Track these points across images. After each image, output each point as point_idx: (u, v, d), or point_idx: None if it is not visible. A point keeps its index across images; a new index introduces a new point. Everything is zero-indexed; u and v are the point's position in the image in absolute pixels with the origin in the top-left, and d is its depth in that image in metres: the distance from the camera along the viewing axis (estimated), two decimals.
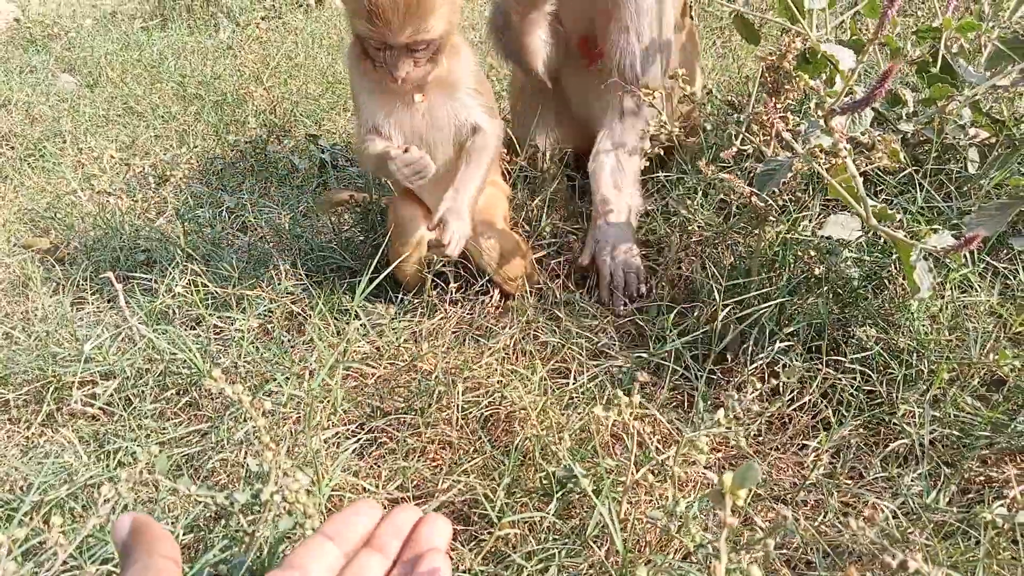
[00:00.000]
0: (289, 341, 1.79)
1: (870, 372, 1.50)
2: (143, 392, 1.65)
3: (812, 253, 1.65)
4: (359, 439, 1.49)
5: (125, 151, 2.98)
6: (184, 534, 1.29)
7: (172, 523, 1.31)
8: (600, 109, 2.08)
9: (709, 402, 1.54)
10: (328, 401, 1.53)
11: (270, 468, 1.13)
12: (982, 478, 1.35)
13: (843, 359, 1.52)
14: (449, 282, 1.88)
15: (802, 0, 1.89)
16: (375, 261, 1.68)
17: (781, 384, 1.48)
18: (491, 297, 1.89)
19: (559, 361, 1.69)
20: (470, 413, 1.53)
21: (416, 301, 1.86)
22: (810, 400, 1.50)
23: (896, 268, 1.63)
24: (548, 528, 1.27)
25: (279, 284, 1.95)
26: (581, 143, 2.23)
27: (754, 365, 1.55)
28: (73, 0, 5.53)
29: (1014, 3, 2.07)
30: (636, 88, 1.86)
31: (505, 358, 1.68)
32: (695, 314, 1.70)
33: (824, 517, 1.28)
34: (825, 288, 1.63)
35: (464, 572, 1.23)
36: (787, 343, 1.55)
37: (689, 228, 1.88)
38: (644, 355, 1.59)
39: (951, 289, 1.59)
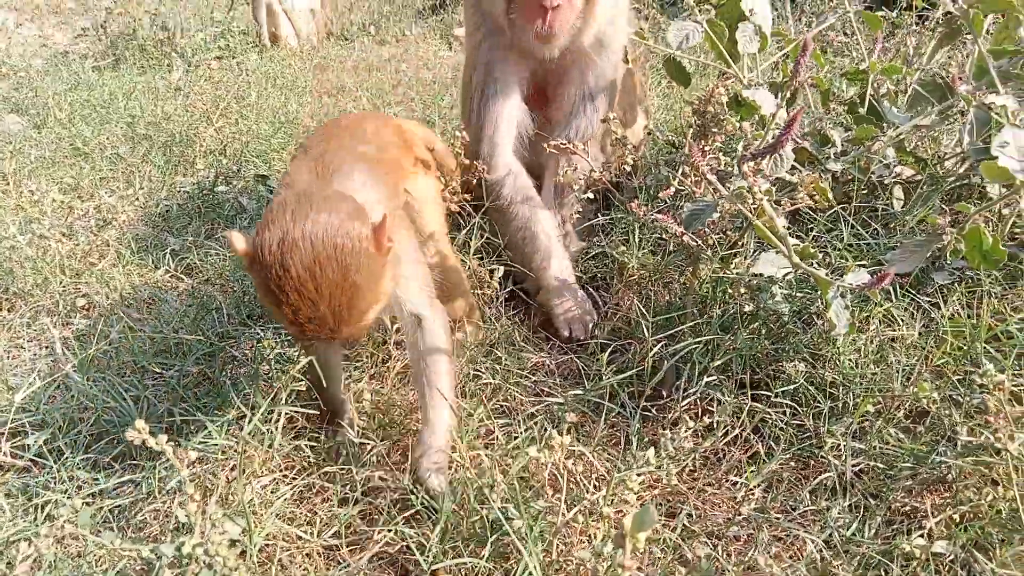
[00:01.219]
0: (230, 386, 1.77)
1: (798, 407, 1.54)
2: (75, 442, 1.62)
3: (743, 290, 1.69)
4: (294, 486, 1.47)
5: (69, 193, 2.94)
6: None
7: None
8: (543, 150, 2.15)
9: (645, 440, 1.55)
10: (264, 447, 1.51)
11: (194, 520, 1.11)
12: (907, 508, 1.38)
13: (770, 394, 1.55)
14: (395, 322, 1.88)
15: (735, 45, 1.98)
16: None
17: (715, 420, 1.51)
18: None
19: (501, 400, 1.70)
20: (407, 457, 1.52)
21: (363, 343, 1.86)
22: (742, 434, 1.53)
23: (823, 304, 1.67)
24: (483, 573, 1.27)
25: (221, 328, 1.94)
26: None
27: (687, 400, 1.57)
28: (23, 39, 5.48)
29: (930, 48, 2.18)
30: (577, 146, 1.96)
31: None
32: (631, 352, 1.73)
33: (755, 551, 1.30)
34: (756, 324, 1.67)
35: None
36: (719, 378, 1.58)
37: (627, 267, 1.92)
38: (580, 393, 1.60)
39: (876, 323, 1.64)
